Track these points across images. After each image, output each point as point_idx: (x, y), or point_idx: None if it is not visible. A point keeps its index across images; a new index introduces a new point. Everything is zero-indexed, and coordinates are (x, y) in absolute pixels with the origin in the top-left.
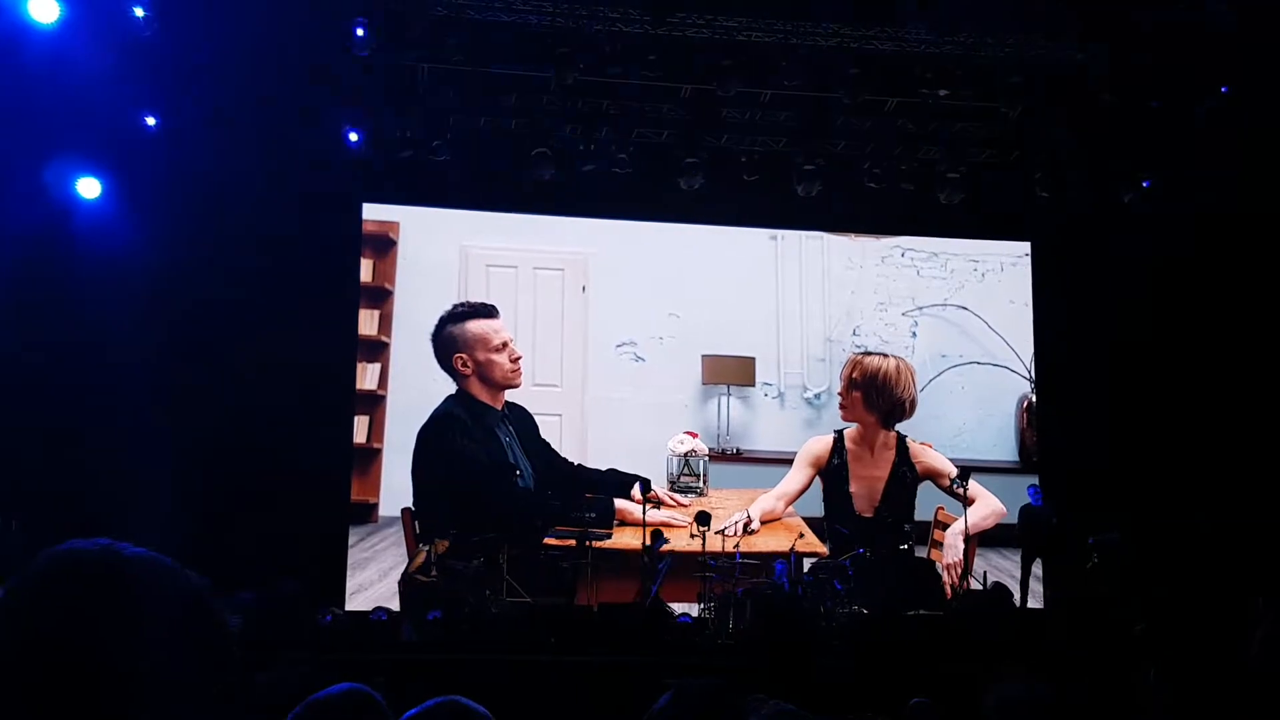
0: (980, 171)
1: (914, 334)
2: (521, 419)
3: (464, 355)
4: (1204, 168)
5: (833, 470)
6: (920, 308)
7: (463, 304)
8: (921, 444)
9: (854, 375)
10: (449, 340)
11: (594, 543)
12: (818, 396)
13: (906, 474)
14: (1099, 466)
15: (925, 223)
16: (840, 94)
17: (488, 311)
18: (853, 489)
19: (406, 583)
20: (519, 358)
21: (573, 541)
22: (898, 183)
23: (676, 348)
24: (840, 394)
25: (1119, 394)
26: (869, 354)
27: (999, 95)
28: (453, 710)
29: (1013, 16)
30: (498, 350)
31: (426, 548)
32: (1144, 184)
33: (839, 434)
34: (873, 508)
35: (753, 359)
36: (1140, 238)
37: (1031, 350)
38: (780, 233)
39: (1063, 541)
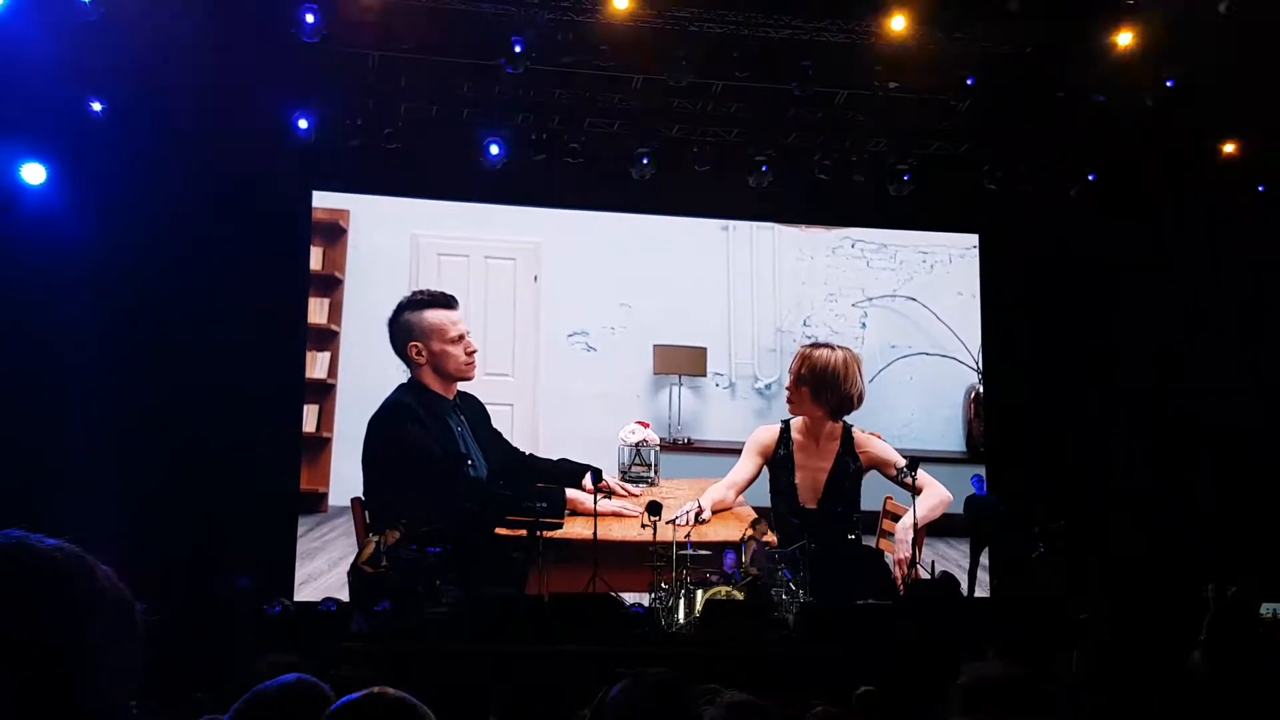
0: (930, 164)
1: (863, 325)
2: (474, 409)
3: (419, 344)
4: (1147, 162)
5: (779, 461)
6: (870, 299)
7: (422, 292)
8: (871, 434)
9: (802, 370)
10: (406, 328)
11: (545, 532)
12: (768, 387)
13: (850, 465)
14: (1045, 457)
15: (875, 214)
16: (791, 86)
17: (447, 302)
18: (797, 480)
19: (356, 573)
20: (474, 351)
21: (524, 531)
22: (848, 174)
23: (628, 338)
24: (789, 388)
25: (1065, 385)
26: (817, 346)
27: (948, 88)
28: (380, 700)
29: (962, 10)
30: (453, 342)
31: (376, 538)
32: (1090, 177)
33: (785, 424)
34: (816, 499)
35: (704, 349)
36: (1086, 231)
37: (979, 341)
38: (731, 223)
39: (1009, 531)
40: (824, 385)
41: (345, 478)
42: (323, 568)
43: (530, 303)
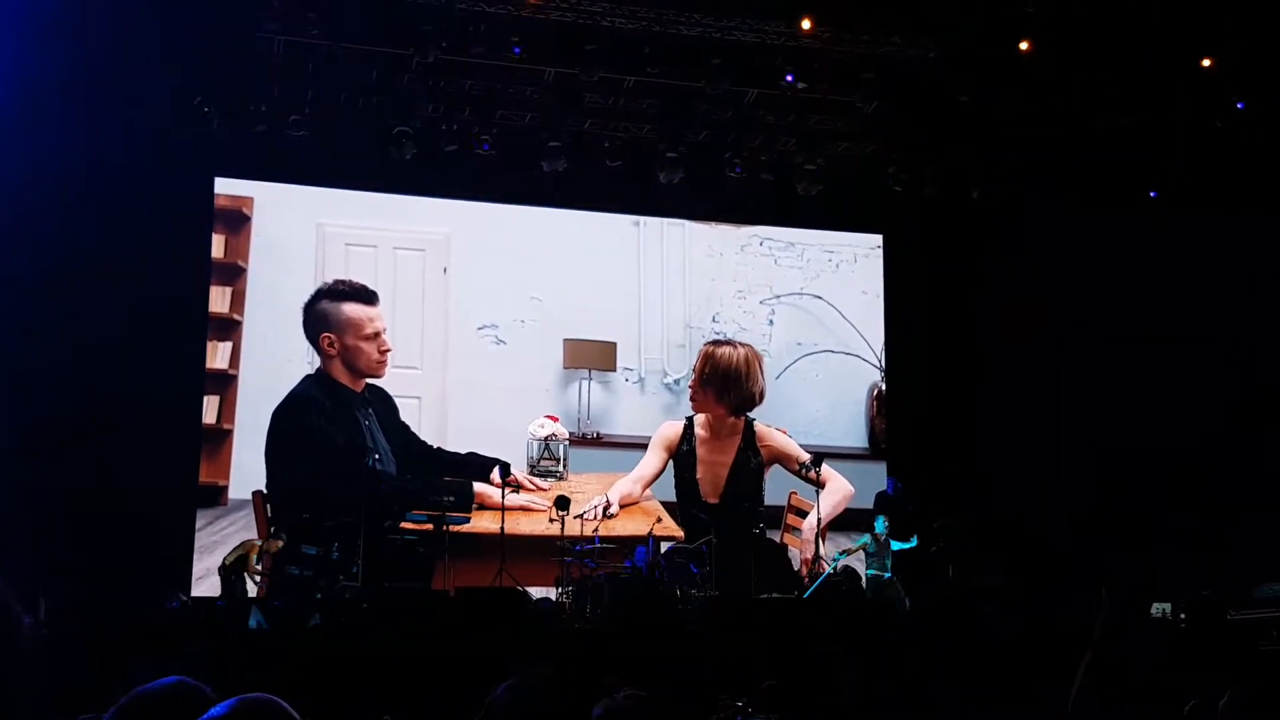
0: (837, 164)
1: (771, 322)
2: (382, 401)
3: (333, 336)
4: (1050, 164)
5: (682, 457)
6: (777, 296)
7: (344, 283)
8: (777, 429)
9: (705, 369)
10: (321, 317)
11: (451, 526)
12: (677, 382)
13: (751, 459)
14: (944, 454)
15: (783, 213)
16: (702, 83)
17: (368, 297)
18: (699, 475)
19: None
20: (388, 350)
21: (430, 525)
22: (757, 173)
23: (538, 331)
24: (692, 386)
25: (965, 384)
26: (719, 344)
27: (855, 90)
28: (250, 708)
29: (868, 12)
30: (368, 339)
31: (259, 543)
32: (991, 179)
33: (689, 420)
34: (718, 494)
35: (614, 344)
36: (988, 232)
37: (882, 340)
38: (643, 219)
39: (913, 527)
40: (727, 383)
41: (246, 470)
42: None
43: (439, 295)
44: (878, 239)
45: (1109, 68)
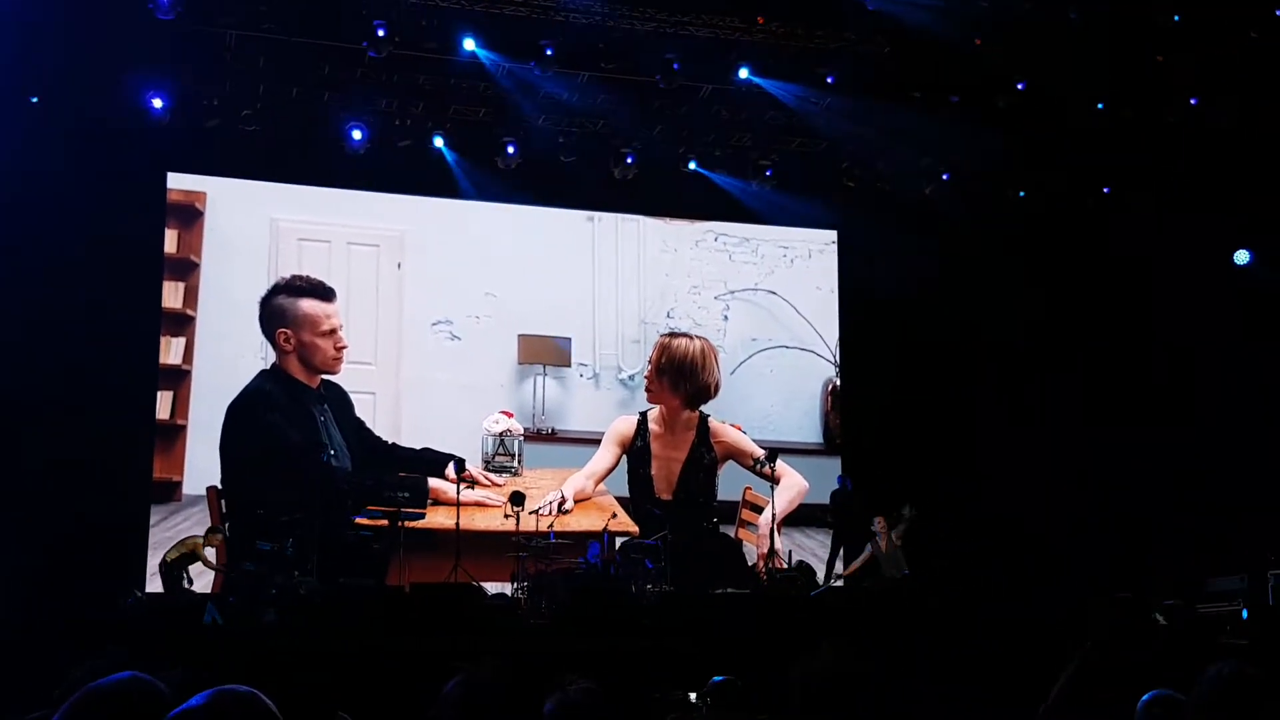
0: (791, 160)
1: (726, 317)
2: (337, 397)
3: (289, 332)
4: (1002, 160)
5: (635, 452)
6: (732, 292)
7: (302, 279)
8: (732, 425)
9: (662, 360)
10: (278, 312)
11: (406, 522)
12: (632, 378)
13: (705, 455)
14: (897, 449)
15: (738, 208)
16: (656, 78)
17: (325, 294)
18: (653, 471)
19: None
20: (344, 347)
21: (385, 521)
22: (712, 168)
23: (493, 327)
24: (648, 377)
25: (919, 379)
26: (675, 336)
27: (810, 86)
28: (227, 700)
29: (822, 8)
30: (325, 335)
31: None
32: (943, 176)
33: (643, 415)
34: (671, 489)
35: (569, 339)
36: (941, 228)
37: (837, 335)
38: (597, 214)
39: (866, 522)
40: (682, 374)
41: (200, 466)
42: None
43: (393, 290)
44: (832, 235)
45: (1065, 64)
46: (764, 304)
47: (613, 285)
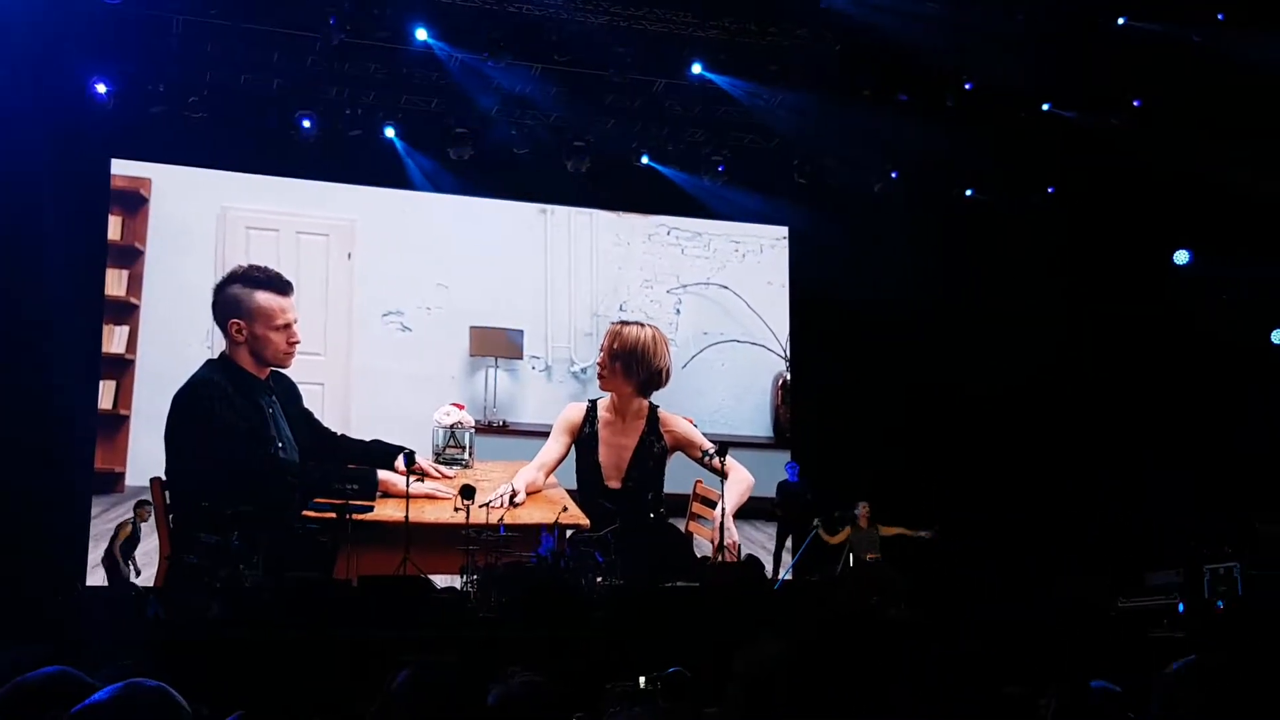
0: (742, 156)
1: (678, 311)
2: (285, 388)
3: (242, 323)
4: (950, 158)
5: (584, 439)
6: (684, 285)
7: (259, 270)
8: (685, 417)
9: (614, 346)
10: (231, 302)
11: (355, 515)
12: (584, 370)
13: (654, 444)
14: (847, 443)
15: (690, 203)
16: (610, 72)
17: (282, 287)
18: (601, 458)
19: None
20: (297, 342)
21: (333, 514)
22: (664, 163)
23: (444, 318)
24: (600, 364)
25: (868, 373)
26: (627, 324)
27: (762, 81)
28: (135, 694)
29: (774, 5)
30: (278, 330)
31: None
32: (892, 175)
33: (593, 403)
34: (620, 477)
35: (521, 331)
36: (889, 224)
37: (787, 330)
38: (550, 207)
39: (814, 516)
40: (634, 360)
41: (144, 457)
42: None
43: (344, 280)
44: (783, 230)
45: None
46: (716, 298)
47: (565, 278)
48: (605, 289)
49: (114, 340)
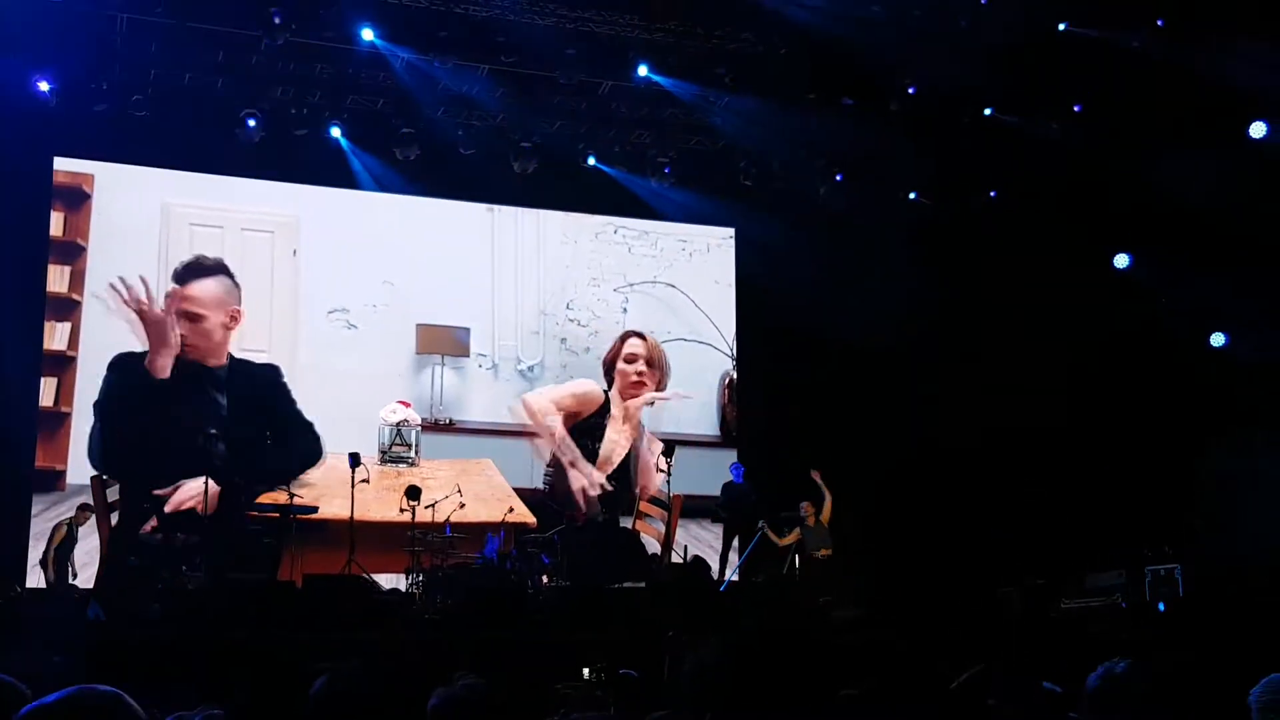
0: (689, 158)
1: (625, 310)
2: (249, 378)
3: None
4: (894, 161)
5: (589, 426)
6: (631, 284)
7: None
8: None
9: (652, 357)
10: None
11: (299, 515)
12: (531, 368)
13: (640, 449)
14: (792, 443)
15: (636, 204)
16: (557, 74)
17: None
18: (600, 447)
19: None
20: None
21: (276, 514)
22: (611, 164)
23: (391, 316)
24: (641, 373)
25: (813, 373)
26: (643, 335)
27: (708, 84)
28: (86, 700)
29: (718, 9)
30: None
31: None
32: (837, 177)
33: (607, 394)
34: (608, 471)
35: (467, 329)
36: (834, 227)
37: (734, 329)
38: (497, 205)
39: (757, 516)
40: (664, 371)
41: (84, 455)
42: None
43: (289, 277)
44: (730, 230)
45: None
46: (662, 297)
47: (512, 276)
48: (552, 287)
49: (55, 337)
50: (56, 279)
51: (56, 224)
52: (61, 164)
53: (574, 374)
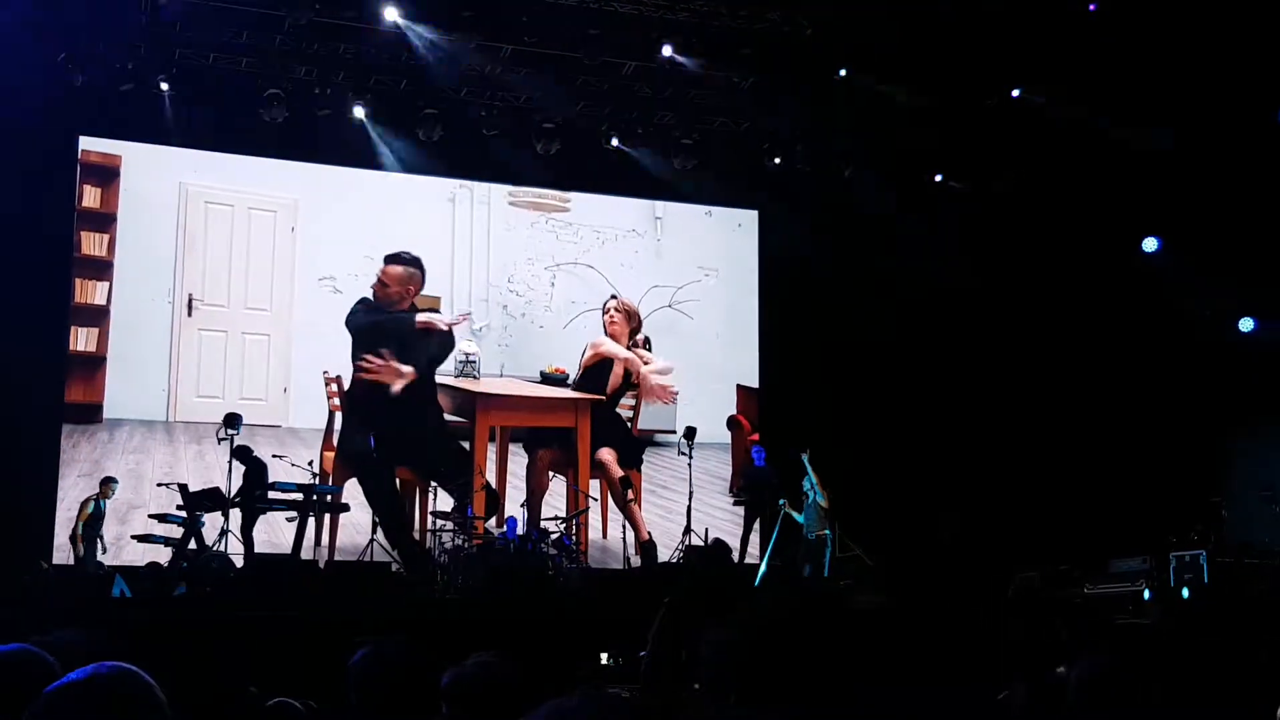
0: (713, 139)
1: (553, 284)
2: None
3: None
4: (920, 143)
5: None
6: (558, 264)
7: None
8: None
9: (619, 306)
10: None
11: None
12: (480, 329)
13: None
14: (816, 428)
15: (659, 185)
16: (580, 54)
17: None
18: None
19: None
20: None
21: (299, 494)
22: (634, 145)
23: (370, 284)
24: (614, 320)
25: (838, 357)
26: (615, 296)
27: (732, 65)
28: (108, 676)
29: None
30: None
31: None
32: (861, 159)
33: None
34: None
35: (438, 297)
36: (858, 208)
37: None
38: (457, 194)
39: (779, 497)
40: (631, 317)
41: (118, 394)
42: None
43: (287, 249)
44: (633, 223)
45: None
46: (582, 275)
47: (467, 253)
48: (497, 265)
49: (96, 293)
50: (95, 244)
51: (94, 197)
52: (88, 143)
53: (513, 335)
